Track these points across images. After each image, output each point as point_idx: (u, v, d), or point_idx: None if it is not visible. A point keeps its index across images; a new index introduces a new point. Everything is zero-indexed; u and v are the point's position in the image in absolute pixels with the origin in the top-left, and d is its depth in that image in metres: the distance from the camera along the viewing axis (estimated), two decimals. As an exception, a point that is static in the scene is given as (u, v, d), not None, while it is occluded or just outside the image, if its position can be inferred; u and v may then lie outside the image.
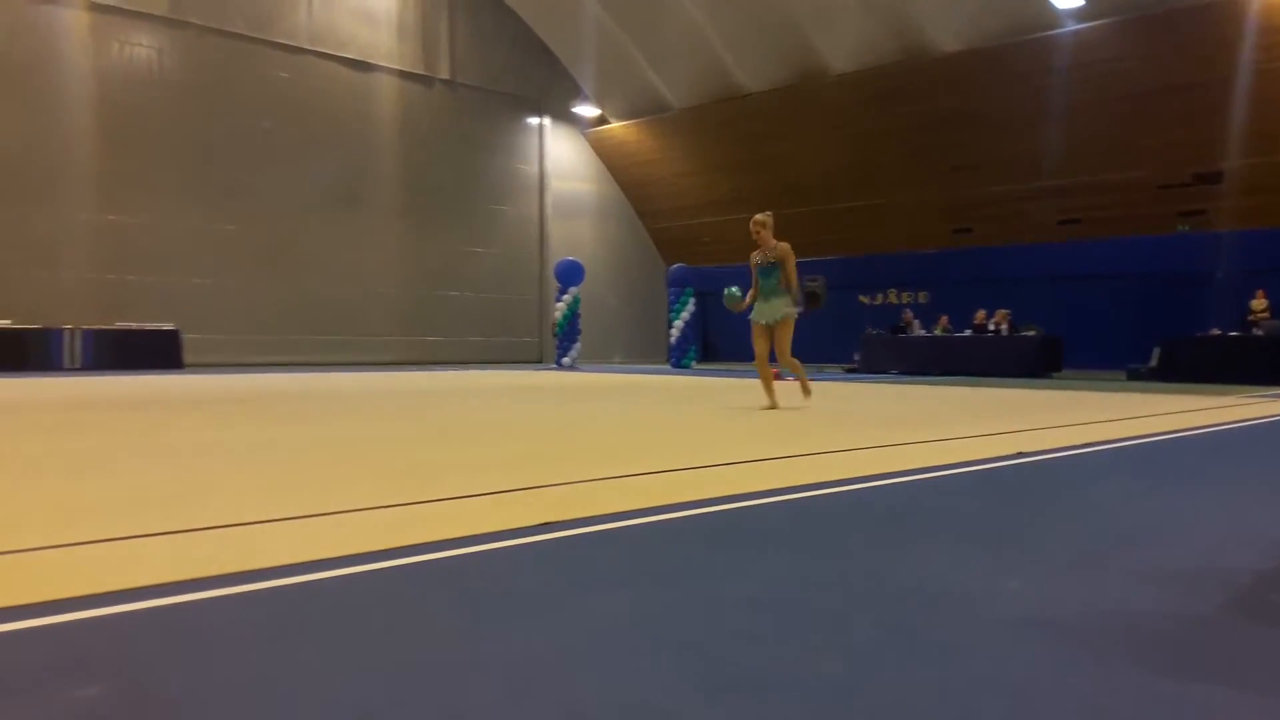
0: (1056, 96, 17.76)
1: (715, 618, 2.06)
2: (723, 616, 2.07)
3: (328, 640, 1.88)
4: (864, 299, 22.73)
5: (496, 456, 4.85)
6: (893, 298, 22.39)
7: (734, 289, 8.43)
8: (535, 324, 24.68)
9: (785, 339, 8.18)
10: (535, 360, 24.39)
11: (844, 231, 22.46)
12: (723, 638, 1.91)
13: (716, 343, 25.77)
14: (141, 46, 18.11)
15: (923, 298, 21.80)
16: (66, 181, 17.15)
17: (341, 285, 20.71)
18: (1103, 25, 16.91)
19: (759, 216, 8.28)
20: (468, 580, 2.38)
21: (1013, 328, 17.66)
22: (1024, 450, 5.18)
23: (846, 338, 20.38)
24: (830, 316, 20.46)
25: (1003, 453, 5.08)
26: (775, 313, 8.16)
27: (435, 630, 1.96)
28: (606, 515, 3.18)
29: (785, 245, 8.20)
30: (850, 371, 19.00)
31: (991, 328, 17.94)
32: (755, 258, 8.29)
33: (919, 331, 19.08)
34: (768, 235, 8.24)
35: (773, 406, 8.13)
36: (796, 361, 8.32)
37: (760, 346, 8.27)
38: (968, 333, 18.25)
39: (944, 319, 18.97)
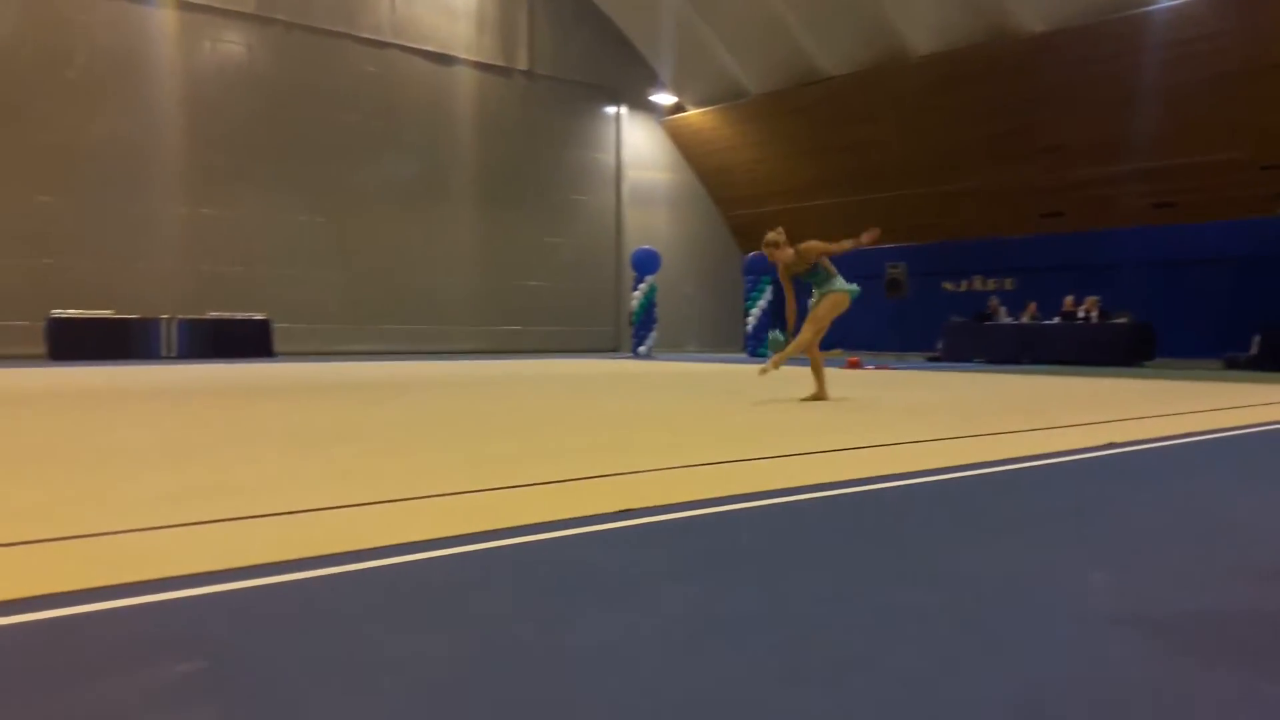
0: (1149, 75, 17.11)
1: (791, 608, 2.05)
2: (799, 607, 2.06)
3: (411, 621, 1.93)
4: (948, 286, 22.25)
5: (574, 444, 4.90)
6: (978, 284, 21.87)
7: (777, 333, 7.91)
8: (612, 313, 24.79)
9: (823, 314, 7.71)
10: (611, 349, 24.50)
11: (927, 217, 22.03)
12: (799, 628, 1.91)
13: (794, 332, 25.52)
14: (232, 44, 18.65)
15: (1009, 284, 21.25)
16: (162, 176, 17.77)
17: (423, 275, 21.09)
18: (1197, 1, 16.24)
19: (769, 236, 7.75)
20: (545, 565, 2.41)
21: (1103, 315, 17.13)
22: (1115, 441, 5.03)
23: (929, 326, 19.99)
24: (912, 304, 20.11)
25: (1093, 443, 4.95)
26: (830, 286, 7.70)
27: (513, 614, 1.99)
28: (683, 503, 3.19)
29: (806, 245, 7.68)
30: (933, 360, 18.67)
31: (1081, 315, 17.43)
32: (785, 274, 7.85)
33: (1005, 319, 18.63)
34: (783, 251, 7.70)
35: (820, 395, 7.75)
36: (817, 351, 7.83)
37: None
38: (1056, 320, 17.75)
39: (1031, 306, 18.48)
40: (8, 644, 1.79)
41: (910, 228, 22.41)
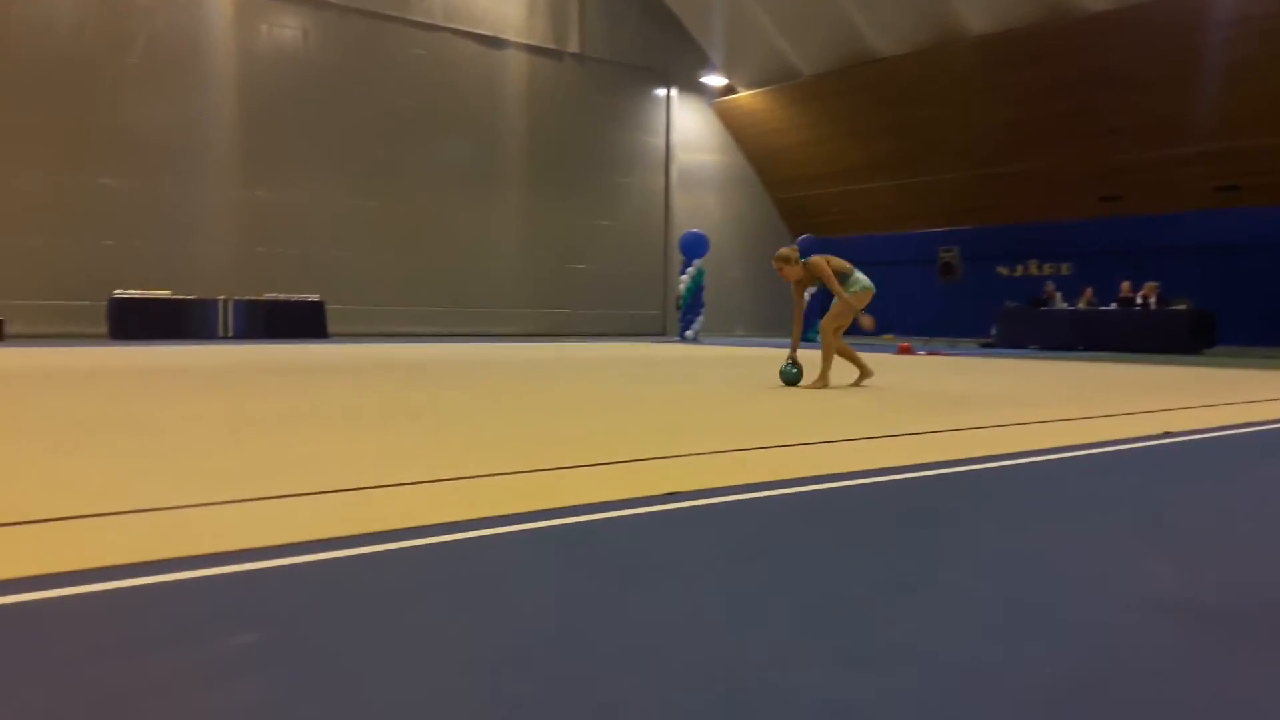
0: (1214, 55, 16.63)
1: (847, 592, 2.05)
2: (854, 591, 2.06)
3: (465, 598, 1.96)
4: (1002, 270, 21.94)
5: (620, 426, 4.92)
6: (1033, 269, 21.53)
7: (791, 367, 7.57)
8: (659, 296, 24.78)
9: (842, 312, 7.74)
10: (659, 333, 24.51)
11: (982, 199, 21.70)
12: (855, 612, 1.91)
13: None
14: (288, 28, 18.89)
15: (1065, 269, 20.89)
16: (219, 160, 18.09)
17: (472, 258, 21.25)
18: (1267, -24, 15.74)
19: (782, 252, 7.75)
20: (600, 546, 2.44)
21: (1162, 301, 16.76)
22: (1171, 430, 4.93)
23: (983, 311, 19.73)
24: (966, 289, 19.84)
25: (1149, 432, 4.86)
26: (854, 285, 7.66)
27: (564, 593, 2.01)
28: (738, 486, 3.19)
29: (813, 261, 7.66)
30: (986, 346, 18.42)
31: (1139, 301, 17.07)
32: (798, 289, 7.93)
33: (1061, 304, 18.31)
34: (793, 269, 7.66)
35: (865, 374, 7.83)
36: (833, 342, 7.79)
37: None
38: (1113, 306, 17.41)
39: (1088, 291, 18.14)
40: (72, 615, 1.85)
41: (964, 211, 22.10)
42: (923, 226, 23.04)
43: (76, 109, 16.60)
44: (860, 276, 7.75)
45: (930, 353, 15.18)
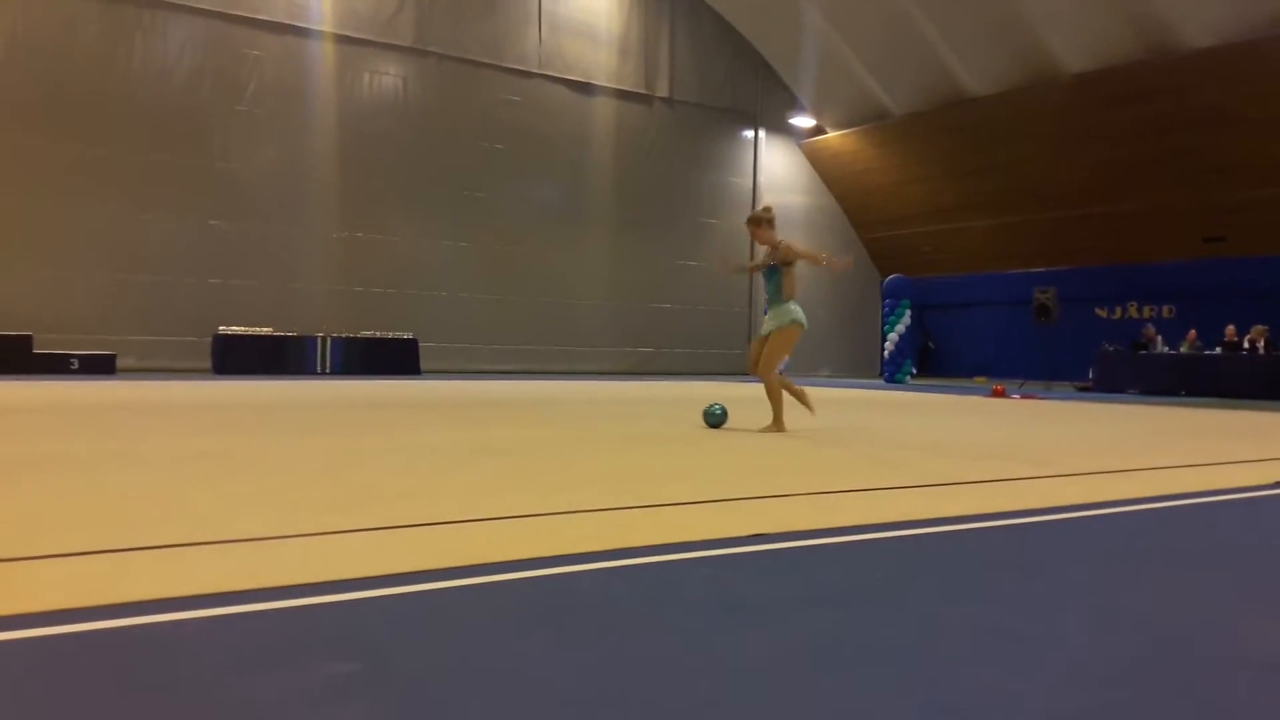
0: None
1: (935, 640, 2.02)
2: (943, 639, 2.02)
3: (556, 633, 1.99)
4: (1100, 312, 21.31)
5: (706, 465, 4.92)
6: (1133, 311, 20.87)
7: (715, 409, 7.22)
8: (744, 337, 24.71)
9: (777, 352, 7.10)
10: (743, 373, 24.40)
11: (1078, 240, 21.17)
12: (942, 660, 1.87)
13: (934, 357, 24.97)
14: (388, 75, 19.57)
15: (1167, 312, 20.20)
16: (319, 202, 18.76)
17: (560, 298, 21.54)
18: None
19: (756, 212, 7.29)
20: (685, 586, 2.44)
21: (1270, 345, 16.06)
22: (1285, 480, 4.71)
23: (1080, 354, 19.18)
24: (1063, 331, 19.33)
25: (1262, 481, 4.65)
26: (782, 318, 7.06)
27: (654, 631, 2.02)
28: (818, 530, 3.17)
29: (785, 242, 7.17)
30: (1083, 390, 17.87)
31: (1246, 345, 16.39)
32: (763, 258, 7.28)
33: (1162, 348, 17.69)
34: (764, 233, 7.18)
35: (804, 404, 7.24)
36: (778, 384, 7.11)
37: (753, 355, 7.28)
38: (1218, 350, 16.75)
39: (1192, 334, 17.50)
40: (179, 640, 1.93)
41: (1060, 251, 21.58)
42: (1017, 267, 22.56)
43: (190, 153, 17.44)
44: (795, 308, 7.16)
45: (1025, 396, 14.79)
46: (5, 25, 15.75)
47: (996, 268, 23.21)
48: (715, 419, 7.19)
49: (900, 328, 20.74)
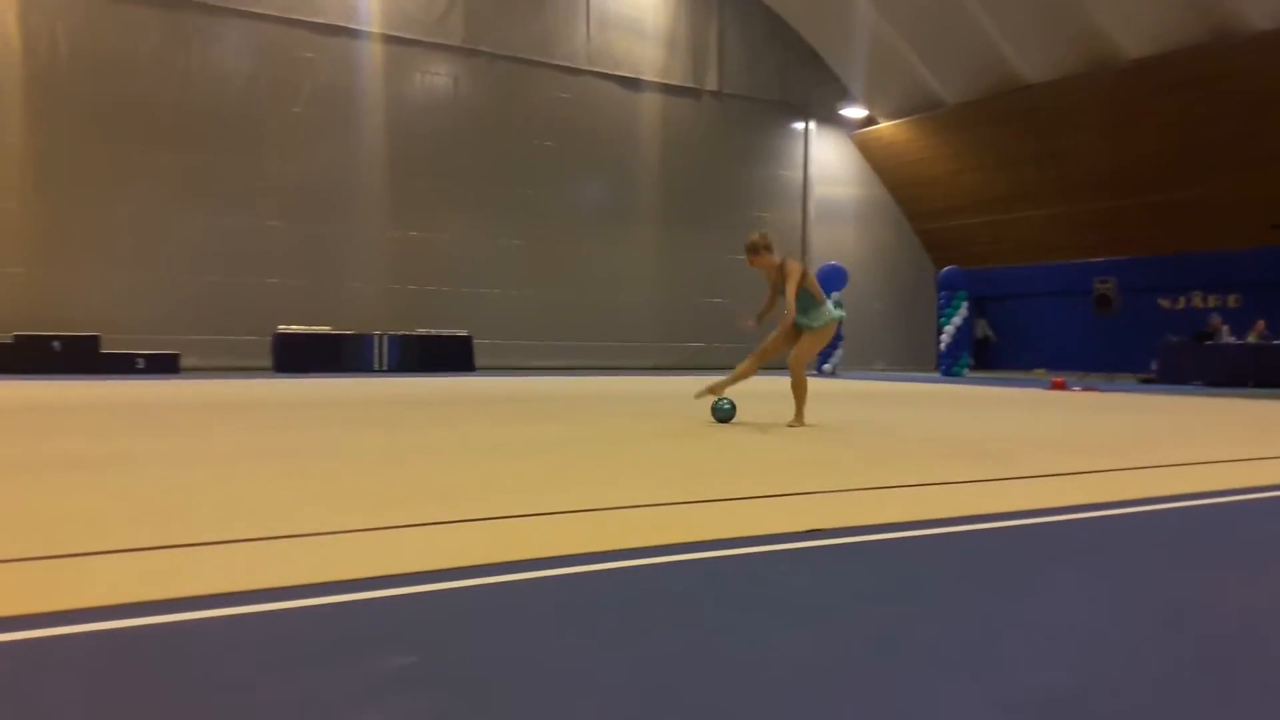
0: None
1: (998, 638, 1.98)
2: (1004, 638, 1.99)
3: (611, 627, 1.99)
4: (1164, 303, 20.80)
5: (761, 461, 4.89)
6: (1197, 301, 20.34)
7: (724, 404, 7.16)
8: (798, 330, 24.54)
9: (811, 348, 7.12)
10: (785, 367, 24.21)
11: (1139, 229, 20.66)
12: (1004, 659, 1.84)
13: (991, 349, 24.58)
14: (439, 75, 19.76)
15: (1233, 301, 19.65)
16: (374, 202, 19.01)
17: (611, 293, 21.58)
18: None
19: (751, 239, 7.26)
20: (739, 581, 2.43)
21: (1345, 334, 15.55)
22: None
23: (1142, 345, 18.74)
24: (1124, 322, 18.93)
25: (1333, 476, 4.51)
26: (816, 320, 7.02)
27: (708, 626, 2.01)
28: (879, 525, 3.13)
29: (793, 265, 7.00)
30: (1146, 382, 17.47)
31: (1318, 335, 15.89)
32: (769, 279, 7.25)
33: (1228, 339, 17.22)
34: (762, 259, 7.13)
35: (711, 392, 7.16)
36: (804, 379, 7.15)
37: (772, 346, 7.22)
38: (1288, 340, 16.26)
39: (1260, 324, 17.00)
40: (240, 633, 1.97)
41: (1120, 241, 21.10)
42: (1076, 257, 22.10)
43: (247, 155, 17.78)
44: (829, 308, 7.16)
45: (1086, 389, 14.50)
46: (69, 34, 16.20)
47: (1055, 258, 22.76)
48: (724, 414, 7.13)
49: (957, 320, 20.42)
